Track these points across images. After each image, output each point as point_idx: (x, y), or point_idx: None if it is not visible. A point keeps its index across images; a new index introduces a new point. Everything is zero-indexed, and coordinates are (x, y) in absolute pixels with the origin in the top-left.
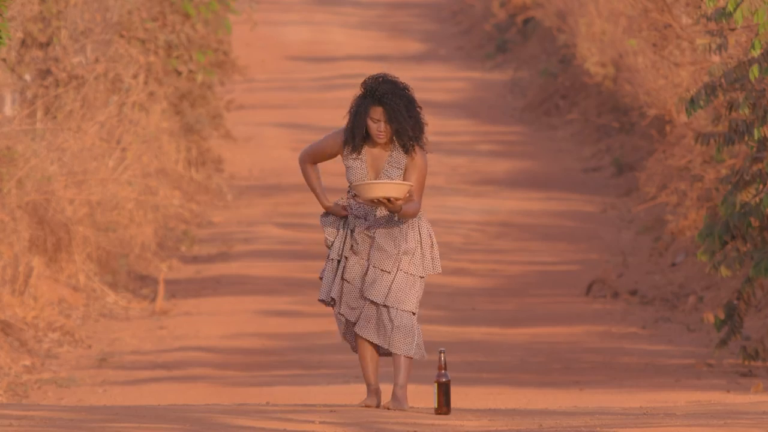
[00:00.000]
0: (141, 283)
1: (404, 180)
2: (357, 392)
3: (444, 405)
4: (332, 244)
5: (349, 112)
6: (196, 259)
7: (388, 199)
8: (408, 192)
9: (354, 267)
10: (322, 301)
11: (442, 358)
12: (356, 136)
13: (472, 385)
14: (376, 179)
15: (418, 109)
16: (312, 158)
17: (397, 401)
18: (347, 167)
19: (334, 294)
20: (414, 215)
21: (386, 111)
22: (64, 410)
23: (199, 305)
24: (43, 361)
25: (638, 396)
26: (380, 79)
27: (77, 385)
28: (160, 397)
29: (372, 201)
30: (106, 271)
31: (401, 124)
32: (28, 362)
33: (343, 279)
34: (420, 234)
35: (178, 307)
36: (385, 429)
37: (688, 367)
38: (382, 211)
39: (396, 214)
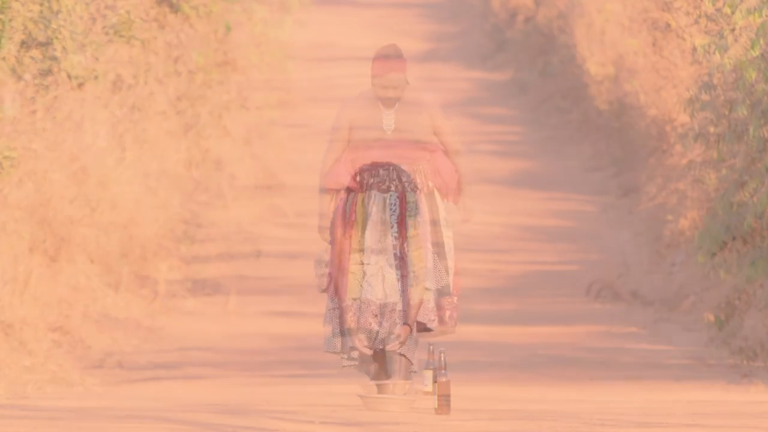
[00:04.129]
0: (141, 283)
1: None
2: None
3: (444, 405)
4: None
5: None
6: (196, 259)
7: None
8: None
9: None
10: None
11: (442, 358)
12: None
13: (472, 385)
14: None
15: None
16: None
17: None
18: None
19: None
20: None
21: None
22: (64, 410)
23: (199, 305)
24: (43, 362)
25: (638, 396)
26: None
27: (77, 385)
28: (160, 397)
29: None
30: (106, 272)
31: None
32: (28, 362)
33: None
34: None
35: (178, 307)
36: (385, 429)
37: (688, 367)
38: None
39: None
